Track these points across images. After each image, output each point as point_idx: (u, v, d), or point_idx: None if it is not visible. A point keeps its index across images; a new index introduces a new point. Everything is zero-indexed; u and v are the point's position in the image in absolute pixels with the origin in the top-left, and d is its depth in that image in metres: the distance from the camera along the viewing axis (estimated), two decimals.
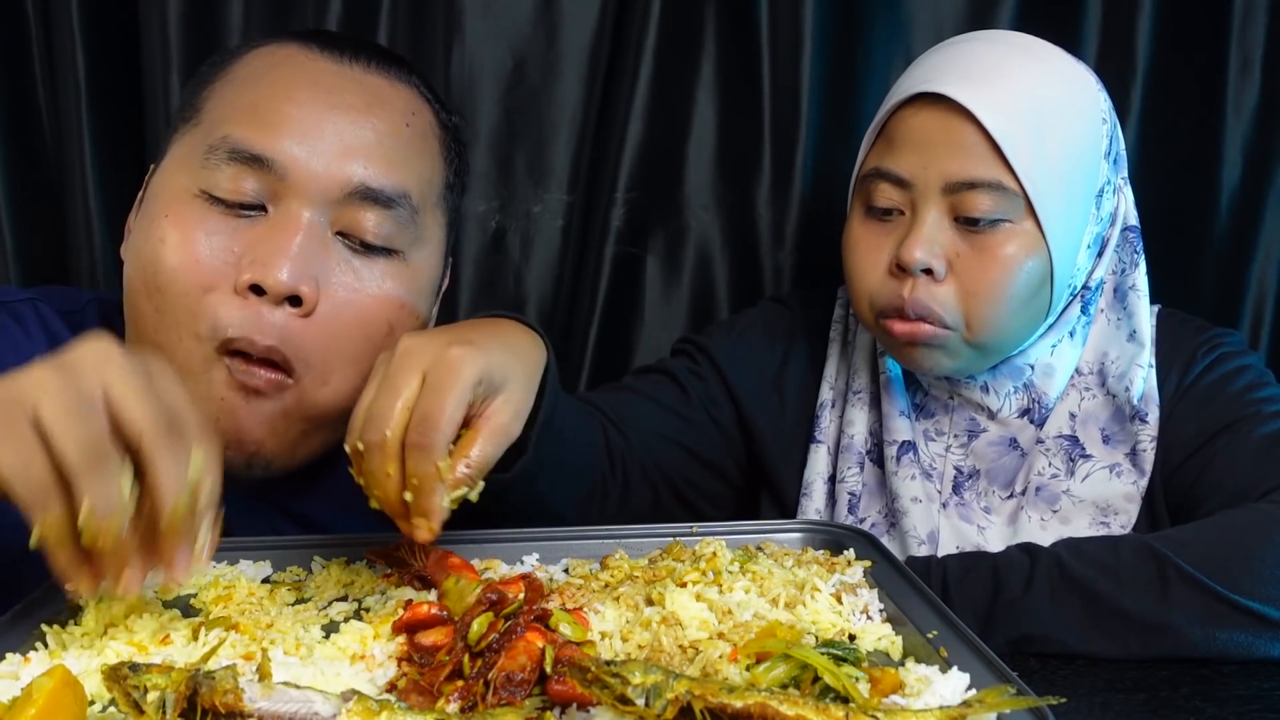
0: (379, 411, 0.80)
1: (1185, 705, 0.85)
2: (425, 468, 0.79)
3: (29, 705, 0.61)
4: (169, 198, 0.99)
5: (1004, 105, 1.08)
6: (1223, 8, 1.56)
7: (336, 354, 0.99)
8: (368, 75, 1.04)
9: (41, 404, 0.68)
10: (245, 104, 0.99)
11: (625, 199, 1.61)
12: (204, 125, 1.01)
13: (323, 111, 0.99)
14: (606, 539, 1.01)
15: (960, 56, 1.14)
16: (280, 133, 0.97)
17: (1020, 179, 1.08)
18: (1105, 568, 0.96)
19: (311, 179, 0.97)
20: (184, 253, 0.96)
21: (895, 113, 1.15)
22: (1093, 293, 1.20)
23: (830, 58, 1.58)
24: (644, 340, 1.68)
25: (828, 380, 1.33)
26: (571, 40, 1.60)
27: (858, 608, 0.83)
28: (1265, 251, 1.62)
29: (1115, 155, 1.19)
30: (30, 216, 1.61)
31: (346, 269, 1.00)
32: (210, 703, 0.62)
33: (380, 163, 1.01)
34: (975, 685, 0.68)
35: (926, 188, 1.11)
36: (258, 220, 0.98)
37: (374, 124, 1.02)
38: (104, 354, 0.72)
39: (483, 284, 1.66)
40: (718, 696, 0.61)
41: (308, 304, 0.96)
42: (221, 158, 0.97)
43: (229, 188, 0.96)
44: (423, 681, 0.71)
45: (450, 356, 0.80)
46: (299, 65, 1.02)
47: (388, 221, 1.01)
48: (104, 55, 1.56)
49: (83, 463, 0.68)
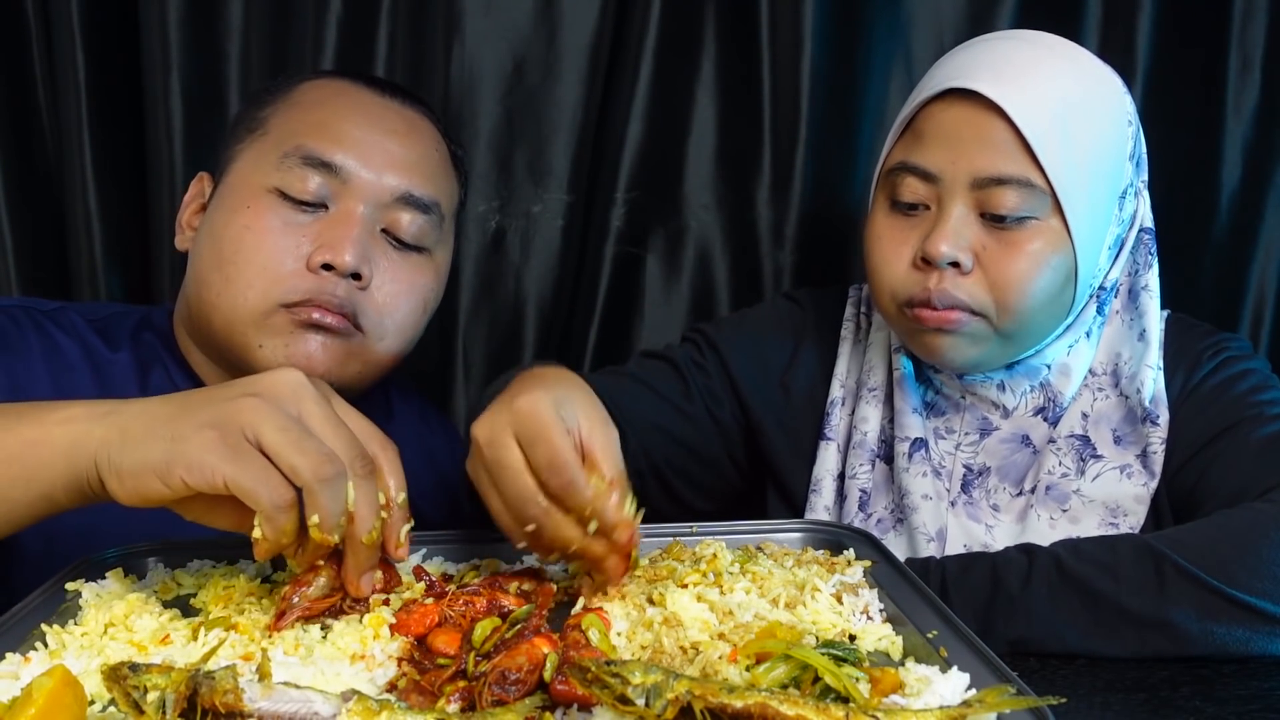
0: (516, 494, 0.82)
1: (1185, 705, 0.84)
2: (580, 497, 0.81)
3: (29, 705, 0.61)
4: (247, 193, 1.17)
5: (1035, 104, 1.08)
6: (1223, 8, 1.56)
7: (389, 317, 1.19)
8: (404, 109, 1.25)
9: (261, 428, 0.76)
10: (315, 121, 1.19)
11: (625, 199, 1.61)
12: (273, 136, 1.19)
13: (376, 134, 1.20)
14: None
15: (991, 53, 1.13)
16: (344, 146, 1.17)
17: (1049, 177, 1.08)
18: (1103, 565, 0.96)
19: (367, 184, 1.17)
20: (264, 237, 1.14)
21: (924, 107, 1.14)
22: (1108, 293, 1.20)
23: (830, 58, 1.59)
24: (644, 340, 1.68)
25: (838, 378, 1.32)
26: (571, 40, 1.60)
27: (858, 608, 0.83)
28: (1265, 251, 1.62)
29: (1139, 158, 1.19)
30: (30, 216, 1.61)
31: (389, 259, 1.20)
32: (210, 703, 0.62)
33: (420, 176, 1.21)
34: (975, 685, 0.69)
35: (954, 182, 1.10)
36: (320, 215, 1.16)
37: (414, 145, 1.23)
38: (297, 383, 0.81)
39: (483, 284, 1.66)
40: (718, 696, 0.62)
41: (365, 280, 1.16)
42: (295, 162, 1.16)
43: (300, 187, 1.15)
44: (423, 681, 0.71)
45: (520, 407, 0.82)
46: (353, 96, 1.23)
47: (423, 224, 1.21)
48: (104, 55, 1.56)
49: (316, 476, 0.77)
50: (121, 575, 0.91)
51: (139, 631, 0.79)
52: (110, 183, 1.57)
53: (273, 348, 1.13)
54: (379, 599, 0.86)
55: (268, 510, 0.76)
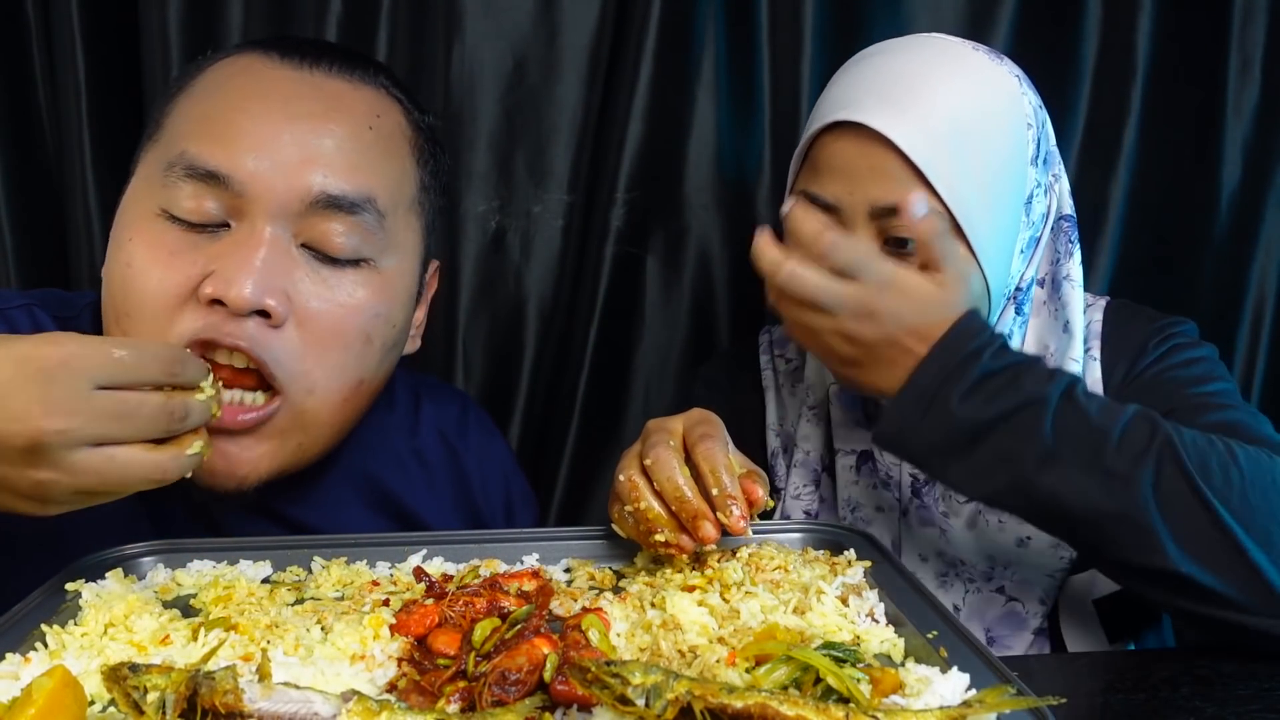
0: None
1: (1185, 705, 0.85)
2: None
3: (29, 705, 0.61)
4: (133, 219, 0.98)
5: (923, 130, 1.06)
6: (1223, 8, 1.56)
7: (316, 363, 0.98)
8: (328, 80, 1.02)
9: (90, 372, 0.76)
10: (199, 117, 0.98)
11: (625, 199, 1.61)
12: (163, 141, 0.99)
13: (279, 121, 0.97)
14: (606, 538, 1.01)
15: (877, 74, 1.11)
16: (236, 147, 0.95)
17: (945, 201, 1.06)
18: (1108, 410, 0.96)
19: (270, 192, 0.95)
20: (150, 275, 0.95)
21: (818, 138, 1.13)
22: (1025, 292, 1.18)
23: (830, 58, 1.58)
24: (644, 340, 1.68)
25: (771, 429, 1.32)
26: (571, 40, 1.60)
27: (863, 611, 0.83)
28: (1265, 251, 1.62)
29: (1045, 156, 1.16)
30: (30, 216, 1.61)
31: (316, 279, 0.98)
32: (210, 703, 0.62)
33: (341, 169, 0.98)
34: (975, 685, 0.69)
35: (854, 212, 1.09)
36: (222, 235, 0.96)
37: (333, 130, 0.99)
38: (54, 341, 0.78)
39: (483, 284, 1.66)
40: (718, 697, 0.61)
41: (276, 318, 0.95)
42: (179, 175, 0.95)
43: (188, 206, 0.95)
44: (423, 682, 0.71)
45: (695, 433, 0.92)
46: (255, 75, 1.00)
47: (354, 229, 0.98)
48: (104, 55, 1.56)
49: (170, 366, 0.80)
50: (121, 575, 0.92)
51: (139, 632, 0.79)
52: (110, 183, 1.57)
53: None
54: (379, 599, 0.86)
55: (164, 423, 0.80)
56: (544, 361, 1.68)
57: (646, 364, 1.69)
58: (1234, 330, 1.63)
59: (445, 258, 1.59)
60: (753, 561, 0.92)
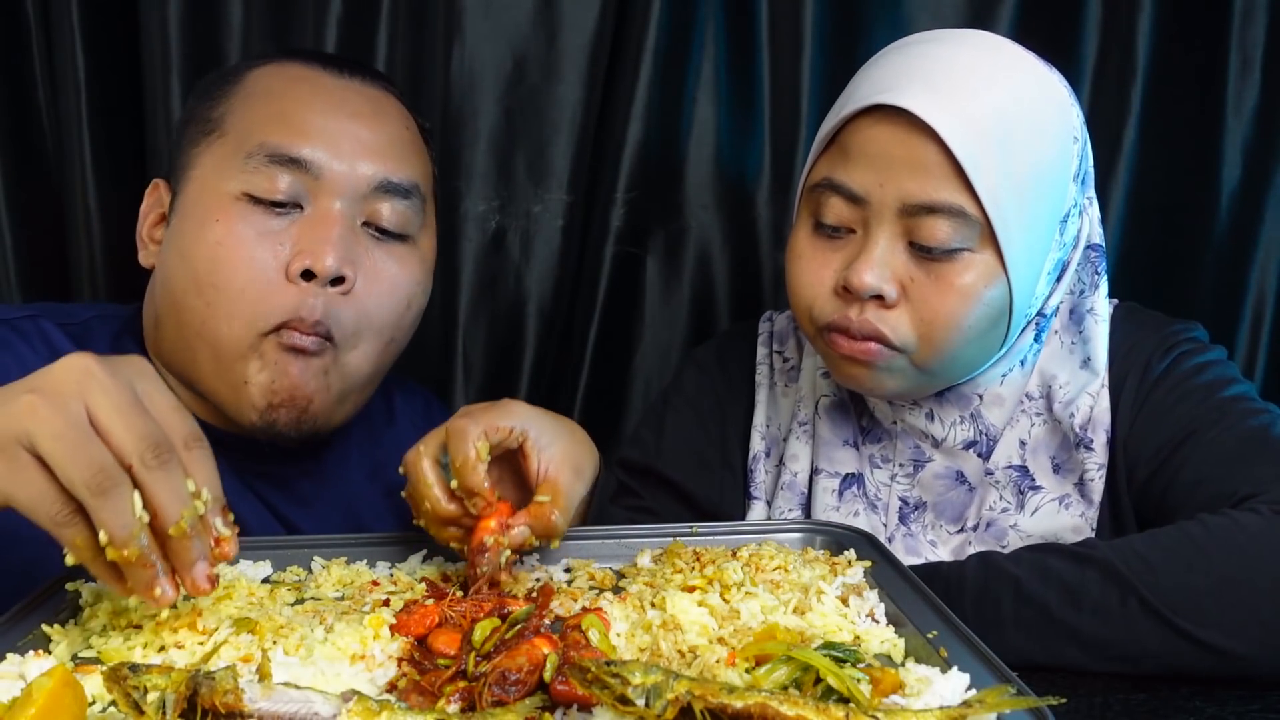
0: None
1: (1185, 705, 0.85)
2: None
3: (29, 705, 0.61)
4: (213, 203, 1.09)
5: (969, 122, 0.99)
6: (1223, 8, 1.56)
7: (367, 324, 1.12)
8: (365, 87, 1.17)
9: (36, 434, 0.70)
10: (274, 114, 1.11)
11: (625, 199, 1.61)
12: (231, 136, 1.11)
13: (343, 119, 1.12)
14: (606, 539, 1.01)
15: (923, 61, 1.03)
16: (311, 137, 1.09)
17: (983, 205, 0.99)
18: (1067, 589, 0.91)
19: (341, 176, 1.10)
20: (239, 251, 1.07)
21: (851, 120, 1.05)
22: (1046, 320, 1.13)
23: (830, 58, 1.58)
24: (644, 340, 1.68)
25: (758, 429, 1.25)
26: (571, 40, 1.60)
27: (863, 611, 0.83)
28: (1265, 251, 1.62)
29: (1084, 175, 1.10)
30: (30, 216, 1.61)
31: (374, 252, 1.13)
32: (210, 703, 0.62)
33: (395, 160, 1.14)
34: (975, 685, 0.69)
35: (882, 207, 1.02)
36: (297, 216, 1.09)
37: (383, 128, 1.15)
38: (83, 372, 0.73)
39: (483, 284, 1.66)
40: (718, 697, 0.61)
41: (349, 284, 1.09)
42: (260, 161, 1.08)
43: (269, 187, 1.08)
44: (423, 682, 0.71)
45: None
46: (311, 81, 1.15)
47: (405, 210, 1.14)
48: (104, 55, 1.56)
49: (90, 490, 0.70)
50: None
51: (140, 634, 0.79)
52: (110, 183, 1.57)
53: (258, 383, 1.07)
54: (379, 599, 0.86)
55: (48, 527, 0.71)
56: (544, 362, 1.68)
57: (646, 364, 1.69)
58: (1234, 330, 1.63)
59: (445, 258, 1.59)
60: (753, 561, 0.92)
